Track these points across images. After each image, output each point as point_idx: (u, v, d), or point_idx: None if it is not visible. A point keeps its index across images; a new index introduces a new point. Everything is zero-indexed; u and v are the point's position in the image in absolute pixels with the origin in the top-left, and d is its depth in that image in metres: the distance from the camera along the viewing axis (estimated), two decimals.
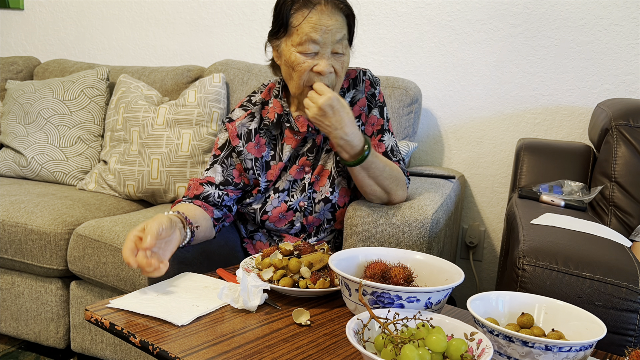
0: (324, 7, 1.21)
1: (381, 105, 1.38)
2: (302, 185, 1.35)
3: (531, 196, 1.55)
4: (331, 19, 1.21)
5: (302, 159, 1.35)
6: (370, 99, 1.36)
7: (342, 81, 1.30)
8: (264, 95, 1.39)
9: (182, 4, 2.46)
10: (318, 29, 1.20)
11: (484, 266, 2.12)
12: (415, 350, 0.70)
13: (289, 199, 1.34)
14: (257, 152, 1.34)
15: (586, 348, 0.77)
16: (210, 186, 1.34)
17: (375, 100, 1.37)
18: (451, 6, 2.03)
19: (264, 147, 1.35)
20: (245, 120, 1.35)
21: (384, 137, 1.36)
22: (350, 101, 1.36)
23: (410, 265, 1.03)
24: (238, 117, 1.36)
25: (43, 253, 1.71)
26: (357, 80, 1.36)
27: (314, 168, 1.36)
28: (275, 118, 1.34)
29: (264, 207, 1.35)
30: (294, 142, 1.35)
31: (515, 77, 1.98)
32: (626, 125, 1.56)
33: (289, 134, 1.35)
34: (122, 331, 0.88)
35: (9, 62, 2.55)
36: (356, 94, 1.36)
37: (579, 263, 1.02)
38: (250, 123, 1.35)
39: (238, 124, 1.35)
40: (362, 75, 1.36)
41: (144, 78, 2.29)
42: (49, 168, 2.17)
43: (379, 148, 1.35)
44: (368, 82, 1.37)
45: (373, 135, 1.36)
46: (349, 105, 1.32)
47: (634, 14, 1.81)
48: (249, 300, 0.96)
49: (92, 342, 1.74)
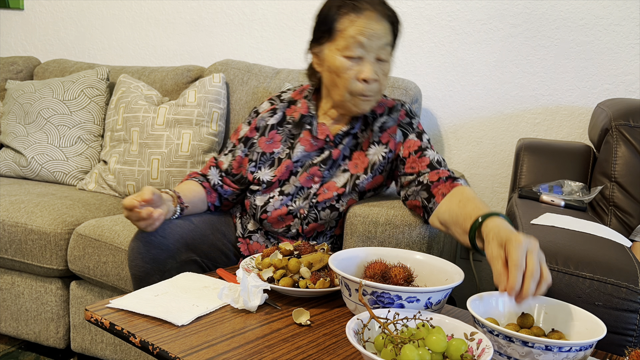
0: (372, 13, 1.23)
1: (419, 132, 1.35)
2: (307, 194, 1.35)
3: (531, 196, 1.55)
4: (378, 24, 1.23)
5: (314, 168, 1.35)
6: (405, 126, 1.35)
7: (385, 88, 1.32)
8: (294, 95, 1.42)
9: (182, 4, 2.46)
10: (365, 33, 1.22)
11: (484, 266, 2.12)
12: (415, 350, 0.70)
13: (290, 204, 1.35)
14: (267, 147, 1.38)
15: (586, 348, 0.77)
16: (215, 169, 1.44)
17: (411, 128, 1.36)
18: (451, 6, 2.03)
19: (278, 144, 1.38)
20: (266, 114, 1.40)
21: (426, 152, 1.31)
22: (381, 127, 1.35)
23: (410, 265, 1.03)
24: (264, 109, 1.42)
25: (43, 253, 1.71)
26: (393, 110, 1.37)
27: (324, 181, 1.35)
28: (298, 118, 1.37)
29: (265, 207, 1.35)
30: (308, 145, 1.36)
31: (515, 77, 1.98)
32: (626, 125, 1.56)
33: (306, 136, 1.37)
34: (122, 331, 0.88)
35: (9, 62, 2.55)
36: (387, 120, 1.36)
37: (579, 263, 1.02)
38: (269, 118, 1.39)
39: (259, 117, 1.40)
40: (400, 107, 1.38)
41: (144, 78, 2.29)
42: (49, 168, 2.17)
43: (422, 162, 1.29)
44: (403, 112, 1.37)
45: (411, 155, 1.31)
46: (379, 131, 1.35)
47: (634, 14, 1.81)
48: (249, 301, 0.96)
49: (92, 342, 1.74)
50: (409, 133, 1.35)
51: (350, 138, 1.37)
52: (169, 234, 1.22)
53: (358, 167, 1.36)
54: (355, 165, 1.36)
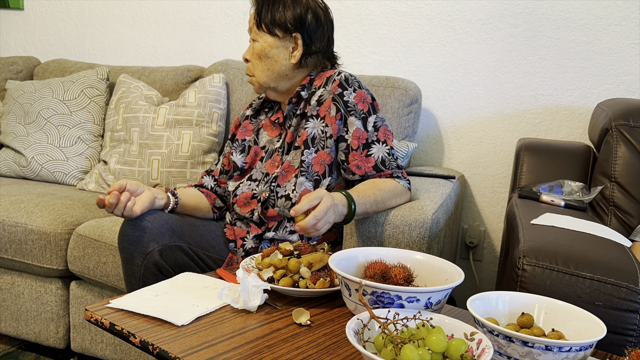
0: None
1: (364, 117, 1.33)
2: (273, 178, 1.38)
3: (531, 196, 1.55)
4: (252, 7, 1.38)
5: (275, 154, 1.42)
6: (338, 102, 1.33)
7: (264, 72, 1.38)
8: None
9: (182, 4, 2.46)
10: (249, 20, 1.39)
11: (484, 266, 2.12)
12: (415, 350, 0.70)
13: (255, 188, 1.40)
14: (241, 135, 1.49)
15: (586, 348, 0.77)
16: (208, 177, 1.54)
17: (348, 107, 1.33)
18: (451, 6, 2.03)
19: (250, 133, 1.48)
20: (246, 110, 1.53)
21: (372, 149, 1.32)
22: (318, 100, 1.37)
23: (410, 265, 1.03)
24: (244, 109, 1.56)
25: (43, 253, 1.71)
26: (328, 80, 1.38)
27: (282, 163, 1.39)
28: (258, 104, 1.50)
29: (235, 190, 1.43)
30: (270, 131, 1.46)
31: (515, 77, 1.98)
32: (626, 125, 1.56)
33: (267, 122, 1.48)
34: (122, 331, 0.88)
35: (9, 62, 2.55)
36: (323, 93, 1.37)
37: (579, 263, 1.02)
38: (247, 111, 1.52)
39: (241, 113, 1.53)
40: (335, 76, 1.37)
41: (144, 78, 2.29)
42: (49, 168, 2.17)
43: (368, 163, 1.32)
44: (337, 83, 1.35)
45: (359, 150, 1.32)
46: (316, 104, 1.37)
47: (634, 14, 1.81)
48: (249, 301, 0.96)
49: (92, 342, 1.74)
50: (348, 115, 1.33)
51: (298, 118, 1.40)
52: (154, 219, 1.28)
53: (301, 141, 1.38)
54: (304, 142, 1.38)
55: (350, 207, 1.18)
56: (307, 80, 1.40)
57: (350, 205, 1.18)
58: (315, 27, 1.38)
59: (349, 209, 1.18)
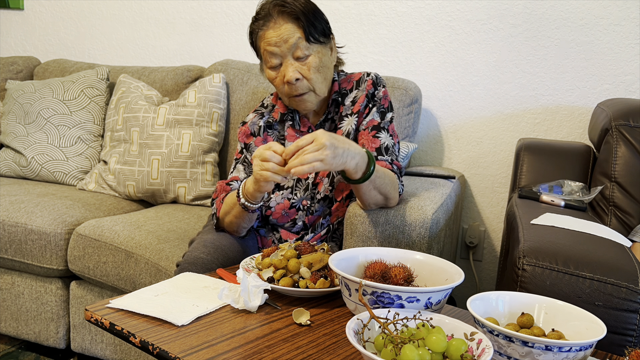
0: (275, 20, 1.28)
1: (384, 111, 1.37)
2: (306, 185, 1.38)
3: (531, 196, 1.55)
4: (280, 28, 1.27)
5: None
6: (370, 97, 1.37)
7: (324, 82, 1.33)
8: (272, 100, 1.48)
9: (182, 4, 2.46)
10: (271, 42, 1.28)
11: (484, 266, 2.12)
12: (415, 350, 0.70)
13: (292, 197, 1.38)
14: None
15: (586, 348, 0.77)
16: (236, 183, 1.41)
17: (375, 101, 1.37)
18: (451, 6, 2.03)
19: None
20: (255, 119, 1.44)
21: (380, 134, 1.35)
22: (352, 100, 1.38)
23: (410, 265, 1.03)
24: (250, 118, 1.45)
25: (43, 253, 1.71)
26: (360, 81, 1.40)
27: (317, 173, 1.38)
28: (278, 117, 1.42)
29: (268, 203, 1.39)
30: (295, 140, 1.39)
31: (515, 77, 1.98)
32: (626, 125, 1.56)
33: (291, 132, 1.42)
34: (122, 331, 0.88)
35: (9, 62, 2.55)
36: (358, 93, 1.38)
37: (579, 263, 1.02)
38: (259, 121, 1.44)
39: (250, 123, 1.44)
40: (366, 76, 1.40)
41: (144, 78, 2.29)
42: (49, 168, 2.17)
43: (373, 143, 1.34)
44: (370, 82, 1.38)
45: (367, 130, 1.35)
46: (351, 104, 1.38)
47: (634, 14, 1.81)
48: (249, 301, 0.96)
49: (92, 342, 1.74)
50: (372, 107, 1.37)
51: (329, 123, 1.41)
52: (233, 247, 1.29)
53: None
54: None
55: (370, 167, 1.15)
56: (336, 87, 1.40)
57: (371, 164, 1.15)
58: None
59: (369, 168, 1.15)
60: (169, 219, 1.78)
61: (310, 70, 1.29)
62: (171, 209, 1.91)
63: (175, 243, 1.60)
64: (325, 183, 1.37)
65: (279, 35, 1.27)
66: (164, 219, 1.78)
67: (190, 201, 2.00)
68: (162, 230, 1.68)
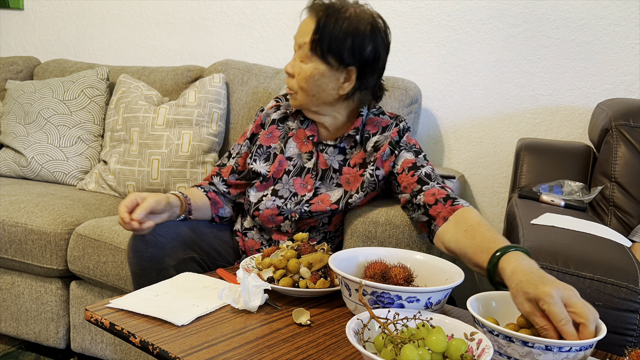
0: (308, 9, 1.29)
1: (416, 151, 1.32)
2: (300, 200, 1.35)
3: (531, 196, 1.55)
4: (305, 23, 1.28)
5: (308, 176, 1.36)
6: (394, 145, 1.32)
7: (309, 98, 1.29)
8: None
9: (182, 4, 2.46)
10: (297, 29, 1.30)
11: None
12: (415, 350, 0.70)
13: (282, 206, 1.35)
14: (265, 141, 1.40)
15: (586, 348, 0.77)
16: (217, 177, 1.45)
17: (401, 146, 1.32)
18: (451, 6, 2.03)
19: (276, 140, 1.40)
20: (270, 110, 1.43)
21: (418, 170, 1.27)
22: (374, 146, 1.33)
23: (410, 265, 1.03)
24: (269, 106, 1.44)
25: (43, 253, 1.71)
26: (386, 129, 1.34)
27: (317, 192, 1.35)
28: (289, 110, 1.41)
29: (258, 204, 1.37)
30: (300, 144, 1.39)
31: (515, 77, 1.98)
32: (626, 125, 1.56)
33: (299, 134, 1.39)
34: (122, 331, 0.88)
35: (9, 62, 2.55)
36: (380, 139, 1.33)
37: (579, 263, 1.02)
38: (273, 113, 1.42)
39: (264, 113, 1.43)
40: (393, 126, 1.34)
41: (144, 78, 2.29)
42: (49, 168, 2.17)
43: (413, 178, 1.26)
44: (395, 131, 1.33)
45: (404, 172, 1.28)
46: (373, 151, 1.32)
47: (634, 14, 1.81)
48: (249, 301, 0.96)
49: (92, 342, 1.74)
50: (399, 150, 1.32)
51: (337, 151, 1.37)
52: (166, 233, 1.24)
53: (351, 184, 1.34)
54: (348, 181, 1.35)
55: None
56: (358, 123, 1.34)
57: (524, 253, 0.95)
58: (373, 61, 1.26)
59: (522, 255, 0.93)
60: None
61: (300, 76, 1.27)
62: None
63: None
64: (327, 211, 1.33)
65: (302, 26, 1.29)
66: None
67: None
68: None
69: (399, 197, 1.30)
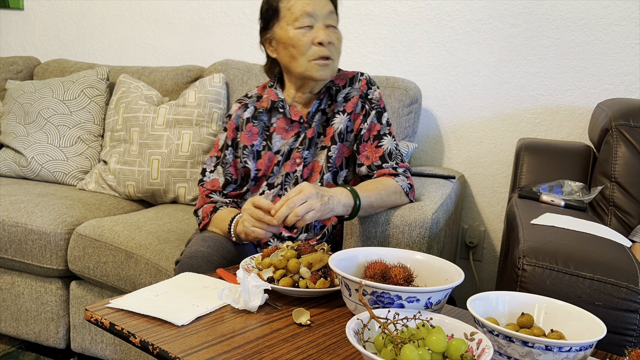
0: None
1: (380, 111, 1.39)
2: (295, 179, 1.39)
3: (531, 196, 1.55)
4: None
5: (295, 152, 1.40)
6: (364, 97, 1.38)
7: (340, 54, 1.35)
8: (259, 90, 1.47)
9: (182, 4, 2.46)
10: (310, 3, 1.30)
11: (484, 266, 2.12)
12: (415, 350, 0.70)
13: (281, 193, 1.38)
14: (248, 140, 1.41)
15: (586, 348, 0.77)
16: (215, 194, 1.42)
17: (372, 102, 1.39)
18: (451, 6, 2.03)
19: (256, 137, 1.41)
20: (239, 111, 1.42)
21: (382, 141, 1.37)
22: (344, 97, 1.39)
23: (410, 265, 1.03)
24: (234, 109, 1.43)
25: (43, 253, 1.71)
26: (354, 80, 1.41)
27: (306, 162, 1.39)
28: (269, 105, 1.40)
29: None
30: (283, 133, 1.40)
31: (515, 77, 1.98)
32: (626, 125, 1.56)
33: (280, 124, 1.40)
34: (122, 331, 0.88)
35: (9, 62, 2.55)
36: (351, 91, 1.39)
37: (579, 263, 1.02)
38: (243, 113, 1.42)
39: (234, 115, 1.42)
40: (360, 76, 1.41)
41: (144, 78, 2.29)
42: (49, 168, 2.17)
43: (376, 153, 1.36)
44: (364, 82, 1.40)
45: (370, 141, 1.37)
46: (343, 101, 1.39)
47: (634, 14, 1.81)
48: (250, 301, 0.96)
49: (92, 342, 1.74)
50: (369, 110, 1.38)
51: (320, 114, 1.41)
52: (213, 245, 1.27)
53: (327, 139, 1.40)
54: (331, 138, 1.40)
55: (355, 202, 1.20)
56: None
57: (355, 199, 1.20)
58: None
59: (354, 202, 1.20)
60: (169, 219, 1.78)
61: (338, 40, 1.33)
62: (171, 209, 1.91)
63: (176, 244, 1.60)
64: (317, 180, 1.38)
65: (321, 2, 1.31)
66: (164, 219, 1.78)
67: (190, 201, 2.00)
68: (162, 230, 1.68)
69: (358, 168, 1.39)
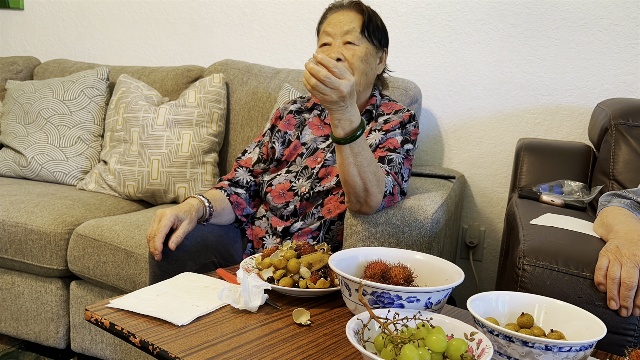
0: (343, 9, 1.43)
1: (407, 139, 1.40)
2: (311, 174, 1.41)
3: (531, 196, 1.55)
4: (343, 14, 1.41)
5: (319, 151, 1.45)
6: (402, 125, 1.41)
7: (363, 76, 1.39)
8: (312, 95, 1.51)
9: (182, 4, 2.46)
10: (330, 23, 1.40)
11: (484, 266, 2.12)
12: (415, 350, 0.70)
13: (294, 181, 1.42)
14: (284, 127, 1.51)
15: (586, 348, 0.77)
16: (241, 169, 1.50)
17: (405, 129, 1.41)
18: (451, 6, 2.03)
19: (292, 127, 1.51)
20: (288, 104, 1.56)
21: (392, 154, 1.34)
22: (385, 120, 1.42)
23: (410, 265, 1.03)
24: (284, 103, 1.57)
25: (43, 253, 1.71)
26: (399, 111, 1.45)
27: (326, 164, 1.41)
28: (311, 104, 1.54)
29: (271, 180, 1.44)
30: (315, 129, 1.49)
31: (515, 77, 1.98)
32: (625, 124, 1.56)
33: (315, 121, 1.50)
34: (122, 331, 0.88)
35: (9, 62, 2.55)
36: (392, 117, 1.43)
37: (579, 263, 1.02)
38: (290, 106, 1.55)
39: (282, 107, 1.56)
40: (406, 110, 1.45)
41: (144, 78, 2.29)
42: (49, 168, 2.17)
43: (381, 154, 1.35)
44: (408, 115, 1.43)
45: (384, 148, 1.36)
46: (383, 122, 1.43)
47: (634, 14, 1.81)
48: (250, 301, 0.96)
49: (92, 342, 1.74)
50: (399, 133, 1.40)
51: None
52: (190, 236, 1.27)
53: None
54: None
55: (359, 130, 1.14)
56: (374, 100, 1.47)
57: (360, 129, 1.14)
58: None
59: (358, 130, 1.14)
60: None
61: (355, 56, 1.37)
62: None
63: None
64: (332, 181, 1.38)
65: (339, 19, 1.40)
66: None
67: None
68: None
69: None
